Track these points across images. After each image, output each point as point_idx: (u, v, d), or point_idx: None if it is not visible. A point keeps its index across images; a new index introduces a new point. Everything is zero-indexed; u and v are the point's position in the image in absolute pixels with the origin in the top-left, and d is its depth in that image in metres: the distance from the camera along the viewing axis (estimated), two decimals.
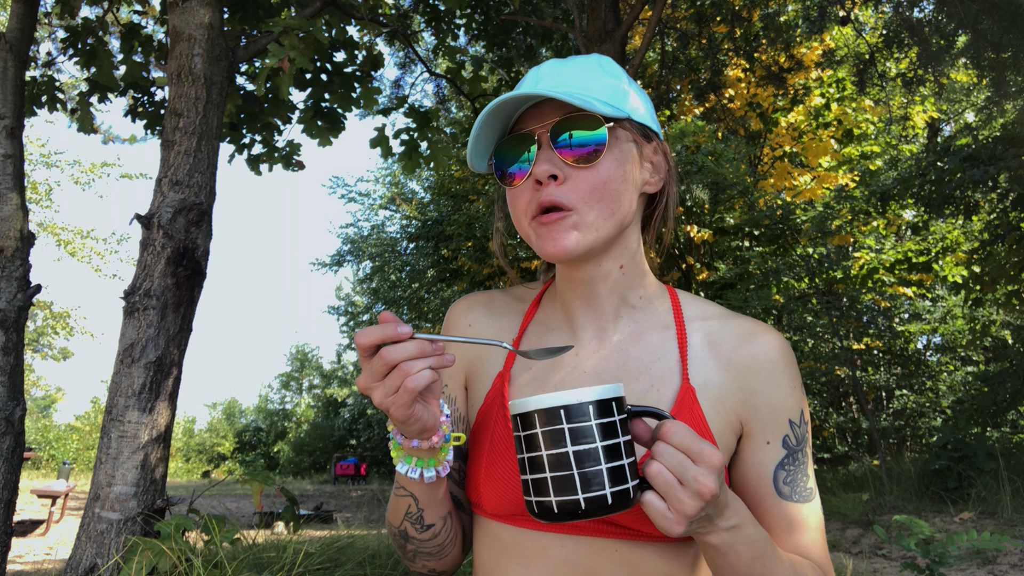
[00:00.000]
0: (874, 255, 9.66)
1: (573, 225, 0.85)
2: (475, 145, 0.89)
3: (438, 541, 0.94)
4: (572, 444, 0.68)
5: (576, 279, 0.94)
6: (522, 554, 0.89)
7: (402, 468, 0.83)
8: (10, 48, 3.13)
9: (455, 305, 1.07)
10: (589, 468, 0.68)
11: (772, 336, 0.93)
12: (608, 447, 0.69)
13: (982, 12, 5.39)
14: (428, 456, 0.83)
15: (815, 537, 0.91)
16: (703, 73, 8.70)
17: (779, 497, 0.89)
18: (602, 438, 0.69)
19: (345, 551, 4.09)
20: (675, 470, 0.69)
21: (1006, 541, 2.60)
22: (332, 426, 25.93)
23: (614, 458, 0.69)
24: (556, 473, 0.69)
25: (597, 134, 0.85)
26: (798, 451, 0.91)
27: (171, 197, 2.91)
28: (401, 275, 18.22)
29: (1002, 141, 7.36)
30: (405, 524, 0.93)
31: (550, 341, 0.97)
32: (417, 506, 0.90)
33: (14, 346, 2.88)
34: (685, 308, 0.98)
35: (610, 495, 0.68)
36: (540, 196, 0.85)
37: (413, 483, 0.87)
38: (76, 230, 16.08)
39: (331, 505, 12.14)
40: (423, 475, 0.83)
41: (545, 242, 0.85)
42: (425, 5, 5.93)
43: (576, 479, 0.68)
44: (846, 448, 12.90)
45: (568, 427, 0.69)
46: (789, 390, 0.91)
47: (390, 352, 0.72)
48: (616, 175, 0.86)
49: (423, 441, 0.81)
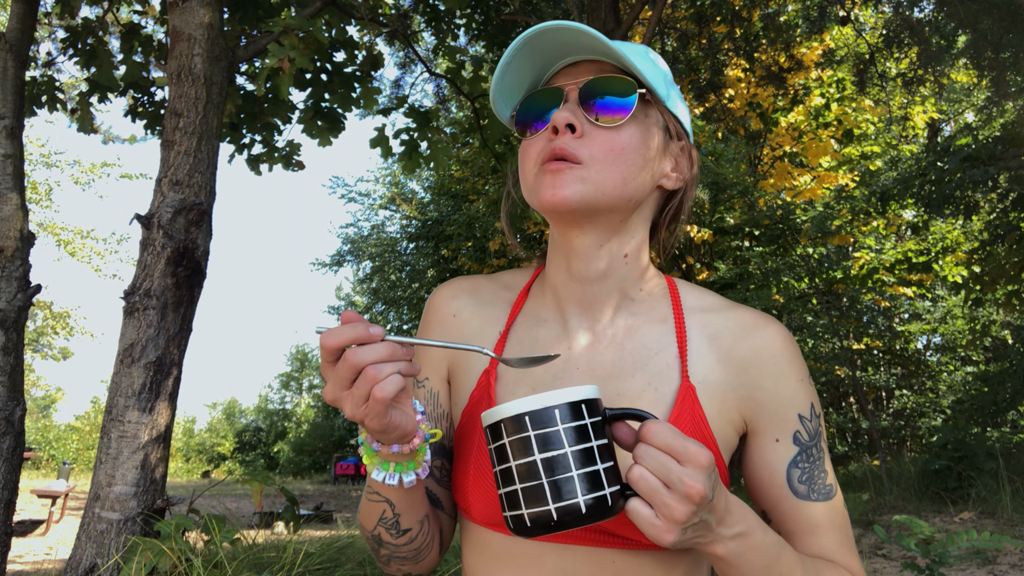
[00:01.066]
0: (874, 255, 9.67)
1: (579, 178, 0.80)
2: (500, 83, 0.84)
3: (415, 545, 0.89)
4: (539, 452, 0.64)
5: (575, 263, 0.88)
6: (514, 563, 0.85)
7: (378, 475, 0.77)
8: (10, 48, 3.12)
9: (438, 291, 1.00)
10: (559, 476, 0.64)
11: (775, 328, 0.89)
12: (579, 452, 0.64)
13: (982, 12, 5.39)
14: (406, 459, 0.77)
15: (839, 537, 0.85)
16: (703, 73, 8.70)
17: (796, 497, 0.85)
18: (572, 443, 0.64)
19: (345, 551, 4.09)
20: (659, 473, 0.64)
21: (1006, 541, 2.60)
22: (332, 426, 25.94)
23: (587, 464, 0.64)
24: (526, 484, 0.65)
25: (627, 99, 0.81)
26: (812, 447, 0.86)
27: (171, 197, 2.91)
28: (401, 275, 18.23)
29: (1002, 141, 7.36)
30: (379, 529, 0.87)
31: (541, 334, 0.92)
32: (393, 512, 0.84)
33: (14, 346, 2.88)
34: (684, 299, 0.93)
35: (583, 504, 0.63)
36: (554, 144, 0.81)
37: (390, 489, 0.81)
38: (76, 230, 16.09)
39: (331, 505, 12.14)
40: (402, 480, 0.78)
41: (544, 188, 0.80)
42: (425, 5, 5.93)
43: (546, 488, 0.64)
44: (846, 448, 12.91)
45: (534, 434, 0.64)
46: (797, 383, 0.87)
47: (356, 354, 0.66)
48: (636, 146, 0.82)
49: (403, 446, 0.75)
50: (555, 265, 0.92)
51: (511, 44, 0.81)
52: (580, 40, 0.81)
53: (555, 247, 0.91)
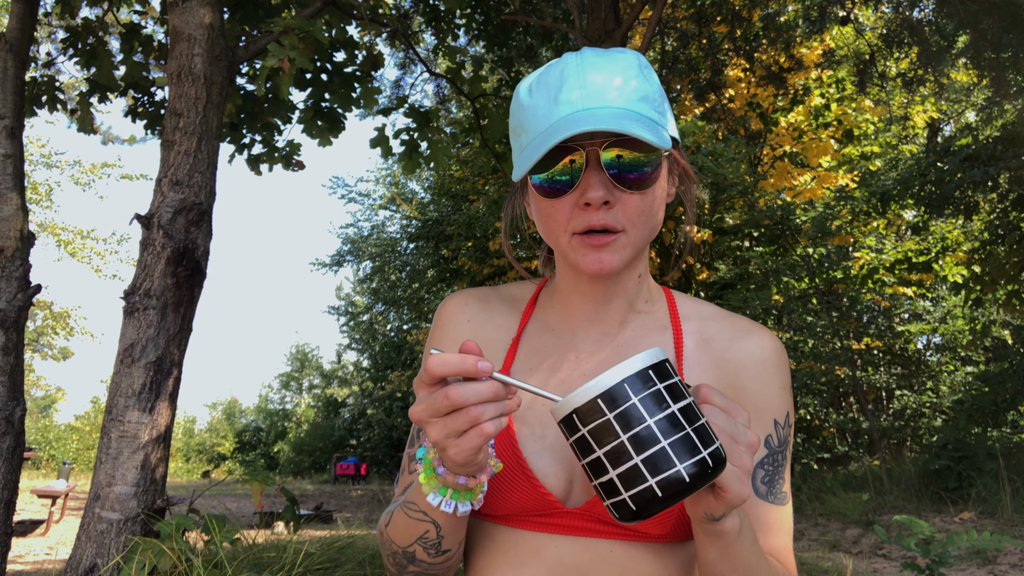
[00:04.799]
0: (874, 255, 9.67)
1: (621, 246, 0.83)
2: (520, 157, 0.84)
3: (450, 564, 0.88)
4: (623, 432, 0.62)
5: (590, 289, 0.92)
6: (515, 555, 0.87)
7: (434, 500, 0.75)
8: (10, 48, 3.13)
9: (448, 300, 1.02)
10: (651, 450, 0.61)
11: (766, 336, 0.93)
12: (663, 420, 0.62)
13: (982, 12, 5.40)
14: (466, 489, 0.76)
15: (786, 542, 0.90)
16: (703, 73, 8.70)
17: (756, 496, 0.89)
18: (653, 413, 0.62)
19: (345, 551, 4.09)
20: (727, 429, 0.67)
21: (1006, 541, 2.60)
22: (332, 426, 25.93)
23: (676, 430, 0.62)
24: (620, 469, 0.62)
25: (651, 160, 0.82)
26: (779, 452, 0.90)
27: (171, 197, 2.91)
28: (401, 275, 18.23)
29: (1002, 141, 7.36)
30: (416, 547, 0.84)
31: (549, 342, 0.95)
32: (438, 534, 0.82)
33: (14, 346, 2.88)
34: (681, 308, 0.97)
35: (685, 473, 0.61)
36: (590, 219, 0.82)
37: (440, 513, 0.79)
38: (76, 230, 16.10)
39: (331, 505, 12.14)
40: (457, 508, 0.76)
41: (589, 260, 0.83)
42: (425, 5, 5.93)
43: (641, 468, 0.61)
44: (846, 448, 12.90)
45: (613, 415, 0.62)
46: (778, 390, 0.91)
47: (460, 393, 0.64)
48: (660, 197, 0.86)
49: (469, 479, 0.74)
50: (566, 285, 0.95)
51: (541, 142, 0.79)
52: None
53: (568, 271, 0.94)
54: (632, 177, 0.82)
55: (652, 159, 0.82)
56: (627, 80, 0.85)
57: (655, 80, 0.90)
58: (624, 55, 0.88)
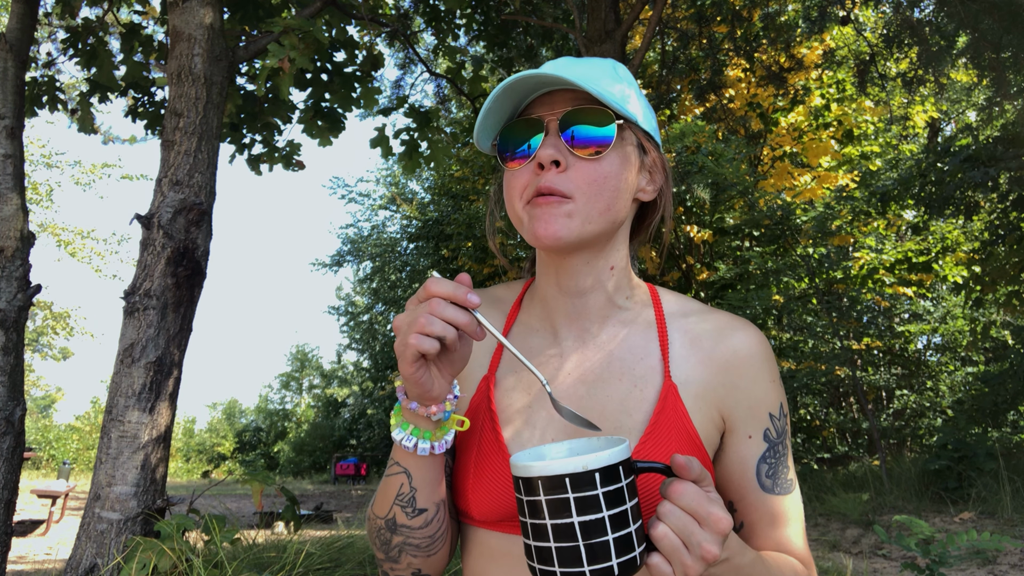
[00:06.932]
0: (874, 255, 9.66)
1: (567, 213, 0.85)
2: (483, 122, 0.88)
3: (429, 531, 0.90)
4: (578, 515, 0.66)
5: (564, 279, 0.93)
6: (511, 561, 0.88)
7: (397, 434, 0.82)
8: (10, 48, 3.13)
9: None
10: (596, 540, 0.65)
11: (750, 331, 0.94)
12: (616, 515, 0.66)
13: (982, 12, 5.40)
14: (427, 428, 0.82)
15: (797, 529, 0.92)
16: (703, 73, 8.70)
17: (762, 491, 0.90)
18: (609, 507, 0.66)
19: (345, 551, 4.09)
20: (681, 533, 0.68)
21: (1006, 541, 2.61)
22: (332, 426, 25.94)
23: (622, 526, 0.66)
24: (561, 544, 0.66)
25: (606, 130, 0.85)
26: (778, 444, 0.92)
27: (171, 197, 2.91)
28: (401, 275, 18.24)
29: (1002, 141, 7.36)
30: (395, 510, 0.88)
31: (532, 343, 0.97)
32: (410, 484, 0.86)
33: (14, 346, 2.88)
34: (665, 306, 0.98)
35: (616, 566, 0.66)
36: (539, 181, 0.85)
37: (408, 456, 0.84)
38: (76, 230, 16.10)
39: (331, 505, 12.14)
40: (417, 446, 0.81)
41: (537, 224, 0.85)
42: (425, 5, 5.93)
43: (582, 552, 0.65)
44: (846, 448, 12.89)
45: (574, 497, 0.66)
46: (769, 384, 0.92)
47: (433, 305, 0.72)
48: (617, 174, 0.87)
49: (420, 407, 0.80)
50: (545, 280, 0.97)
51: (492, 92, 0.85)
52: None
53: (544, 264, 0.97)
54: (584, 141, 0.85)
55: (607, 130, 0.85)
56: (592, 66, 0.90)
57: (631, 80, 0.93)
58: (601, 59, 0.93)
